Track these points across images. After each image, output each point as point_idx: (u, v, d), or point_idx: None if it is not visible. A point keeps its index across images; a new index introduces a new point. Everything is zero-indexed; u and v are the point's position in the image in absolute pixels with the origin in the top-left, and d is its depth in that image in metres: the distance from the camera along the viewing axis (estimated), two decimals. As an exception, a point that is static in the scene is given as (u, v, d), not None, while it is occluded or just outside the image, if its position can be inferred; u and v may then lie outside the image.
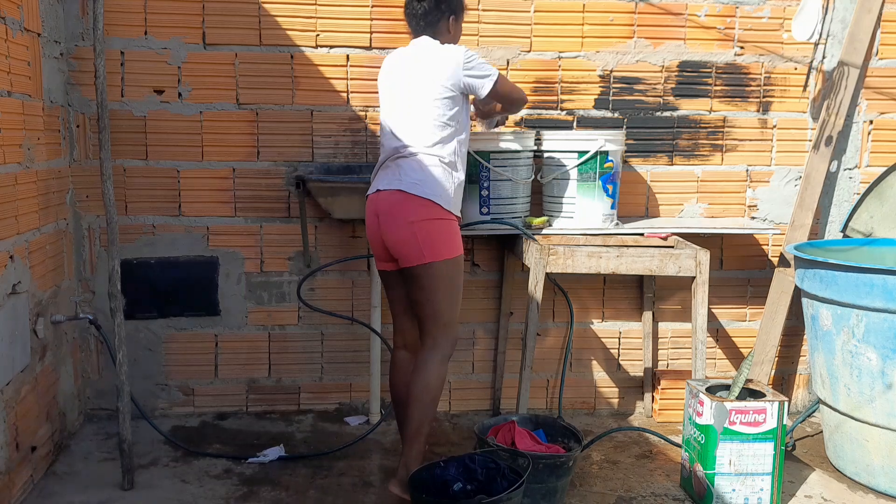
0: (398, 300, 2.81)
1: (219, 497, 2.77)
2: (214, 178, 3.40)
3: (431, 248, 2.61)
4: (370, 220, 2.73)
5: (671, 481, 2.96)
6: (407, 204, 2.62)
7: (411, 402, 2.63)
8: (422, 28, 2.82)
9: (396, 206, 2.63)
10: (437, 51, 2.75)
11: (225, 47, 3.33)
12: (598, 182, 3.22)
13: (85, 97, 3.28)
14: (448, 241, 2.65)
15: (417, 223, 2.61)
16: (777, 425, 2.71)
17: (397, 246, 2.65)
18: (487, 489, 2.43)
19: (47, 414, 2.96)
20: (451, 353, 2.71)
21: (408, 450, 2.62)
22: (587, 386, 3.69)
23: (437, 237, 2.63)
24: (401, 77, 2.78)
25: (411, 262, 2.63)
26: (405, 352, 2.82)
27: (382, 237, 2.68)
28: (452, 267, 2.66)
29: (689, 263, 3.01)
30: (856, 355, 2.86)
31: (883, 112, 3.62)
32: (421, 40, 2.81)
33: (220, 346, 3.49)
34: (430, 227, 2.62)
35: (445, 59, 2.71)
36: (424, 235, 2.61)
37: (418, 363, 2.67)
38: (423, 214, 2.62)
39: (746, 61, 3.55)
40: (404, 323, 2.82)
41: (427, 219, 2.62)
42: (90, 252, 3.37)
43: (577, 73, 3.50)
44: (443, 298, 2.65)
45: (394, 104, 2.78)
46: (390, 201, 2.65)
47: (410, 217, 2.61)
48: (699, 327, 3.04)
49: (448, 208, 2.66)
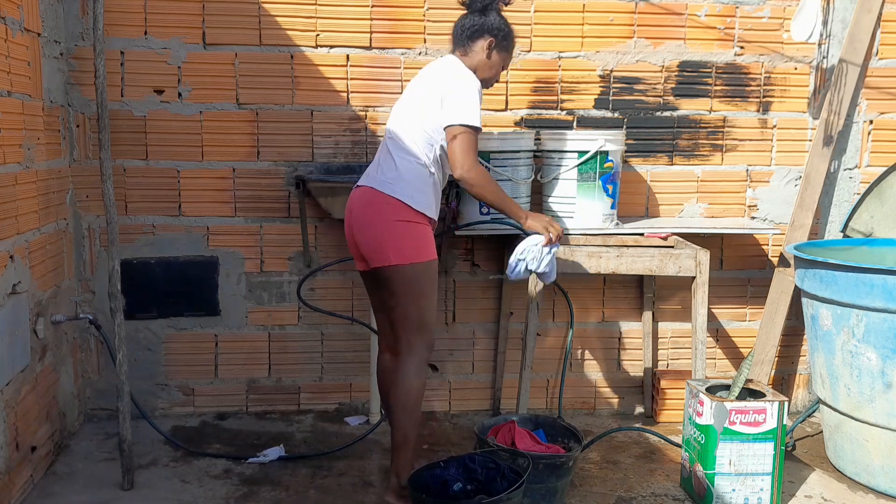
0: (375, 301, 2.78)
1: (219, 497, 2.77)
2: (214, 178, 3.40)
3: (398, 250, 2.52)
4: (346, 217, 2.67)
5: (671, 481, 2.96)
6: (377, 202, 2.55)
7: (395, 411, 2.60)
8: (458, 40, 2.73)
9: (367, 203, 2.57)
10: (453, 65, 2.67)
11: (225, 47, 3.33)
12: (598, 182, 3.22)
13: (85, 97, 3.28)
14: (417, 244, 2.55)
15: (386, 222, 2.53)
16: (777, 425, 2.71)
17: (364, 244, 2.59)
18: (487, 489, 2.43)
19: (47, 414, 2.96)
20: (428, 356, 2.65)
21: (396, 458, 2.60)
22: (587, 386, 3.69)
23: (403, 239, 2.53)
24: (414, 84, 2.74)
25: (377, 262, 2.56)
26: (388, 354, 2.78)
27: (353, 235, 2.64)
28: (422, 271, 2.55)
29: (689, 263, 3.01)
30: (856, 355, 2.86)
31: (883, 112, 3.62)
32: (449, 55, 2.74)
33: (219, 346, 3.49)
34: (399, 228, 2.53)
35: (452, 71, 2.64)
36: (391, 237, 2.52)
37: (396, 370, 2.62)
38: (392, 214, 2.53)
39: (746, 61, 3.55)
40: (384, 325, 2.78)
41: (396, 219, 2.53)
42: (90, 252, 3.37)
43: (577, 73, 3.50)
44: (411, 302, 2.55)
45: (397, 108, 2.75)
46: (363, 199, 2.59)
47: (378, 216, 2.54)
48: (699, 327, 3.04)
49: (420, 210, 2.56)
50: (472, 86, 2.60)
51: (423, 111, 2.62)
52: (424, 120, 2.61)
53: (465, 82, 2.60)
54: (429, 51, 3.41)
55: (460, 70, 2.65)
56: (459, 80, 2.61)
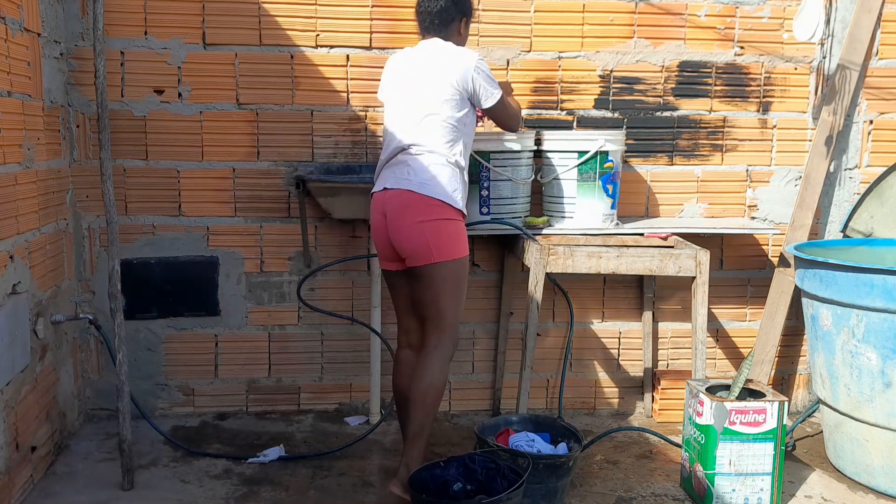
0: (403, 299, 2.82)
1: (219, 497, 2.77)
2: (214, 178, 3.40)
3: (440, 247, 2.63)
4: (376, 219, 2.72)
5: (671, 481, 2.96)
6: (417, 204, 2.63)
7: (414, 403, 2.63)
8: (434, 27, 2.80)
9: (406, 205, 2.64)
10: (451, 52, 2.74)
11: (225, 47, 3.33)
12: (598, 182, 3.22)
13: (85, 97, 3.28)
14: (456, 241, 2.67)
15: (427, 223, 2.62)
16: (777, 425, 2.71)
17: (406, 245, 2.65)
18: (487, 489, 2.43)
19: (47, 414, 2.96)
20: (453, 353, 2.72)
21: (409, 450, 2.63)
22: (587, 386, 3.69)
23: (446, 237, 2.64)
24: (411, 76, 2.77)
25: (420, 261, 2.64)
26: (409, 351, 2.83)
27: (390, 236, 2.69)
28: (460, 267, 2.68)
29: (689, 263, 3.01)
30: (856, 355, 2.86)
31: (883, 112, 3.62)
32: (433, 41, 2.79)
33: (220, 346, 3.49)
34: (440, 226, 2.63)
35: (458, 60, 2.71)
36: (434, 235, 2.62)
37: (421, 364, 2.67)
38: (433, 214, 2.62)
39: (746, 61, 3.55)
40: (409, 322, 2.82)
41: (437, 219, 2.63)
42: (90, 252, 3.37)
43: (577, 73, 3.50)
44: (448, 298, 2.66)
45: (401, 102, 2.77)
46: (399, 201, 2.65)
47: (420, 217, 2.62)
48: (699, 327, 3.04)
49: (459, 208, 2.68)
50: (480, 59, 2.75)
51: (439, 106, 2.68)
52: (444, 115, 2.68)
53: (475, 63, 2.72)
54: (429, 51, 3.41)
55: (461, 53, 2.74)
56: (468, 62, 2.71)
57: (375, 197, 2.74)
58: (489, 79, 2.75)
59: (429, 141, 2.67)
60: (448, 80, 2.68)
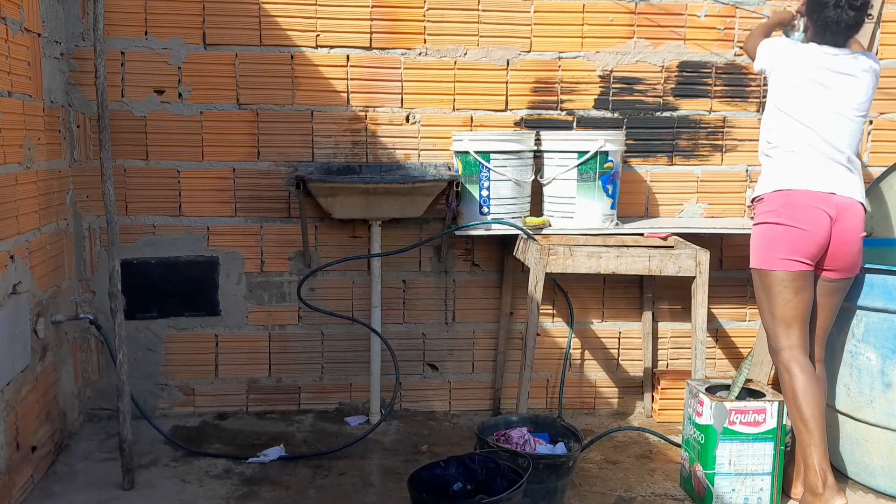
0: (806, 305, 2.71)
1: (219, 497, 2.77)
2: (214, 178, 3.40)
3: (860, 263, 2.74)
4: (818, 218, 2.64)
5: (671, 481, 2.96)
6: (862, 217, 2.69)
7: (819, 417, 2.64)
8: (846, 37, 2.75)
9: (858, 217, 2.67)
10: (870, 66, 2.74)
11: (225, 47, 3.33)
12: (598, 182, 3.22)
13: (85, 97, 3.28)
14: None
15: (861, 238, 2.70)
16: (777, 425, 2.71)
17: (846, 257, 2.68)
18: (487, 489, 2.43)
19: (48, 414, 2.96)
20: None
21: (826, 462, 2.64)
22: (587, 386, 3.69)
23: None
24: (837, 80, 2.70)
25: (847, 274, 2.71)
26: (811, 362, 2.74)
27: (832, 241, 2.66)
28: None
29: (689, 263, 3.01)
30: (856, 355, 2.86)
31: (883, 112, 3.62)
32: (848, 50, 2.75)
33: (220, 346, 3.50)
34: (862, 242, 2.71)
35: (874, 76, 2.75)
36: (861, 250, 2.70)
37: (821, 378, 2.74)
38: (863, 229, 2.70)
39: (746, 61, 3.55)
40: (805, 331, 2.73)
41: (864, 234, 2.71)
42: (90, 252, 3.37)
43: (577, 74, 3.50)
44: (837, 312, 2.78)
45: (824, 105, 2.69)
46: (853, 210, 2.67)
47: (861, 231, 2.69)
48: (699, 327, 3.04)
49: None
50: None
51: (860, 120, 2.73)
52: (861, 128, 2.75)
53: (879, 71, 2.80)
54: (429, 51, 3.41)
55: (875, 66, 2.77)
56: (878, 72, 2.78)
57: (819, 196, 2.65)
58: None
59: (855, 154, 2.73)
60: (870, 96, 2.75)
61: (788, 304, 2.67)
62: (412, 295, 3.57)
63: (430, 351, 3.61)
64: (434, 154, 3.47)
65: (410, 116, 3.45)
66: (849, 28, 2.72)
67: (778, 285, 2.68)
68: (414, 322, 3.59)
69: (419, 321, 3.59)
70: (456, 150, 3.33)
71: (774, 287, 2.69)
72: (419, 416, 3.58)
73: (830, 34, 2.72)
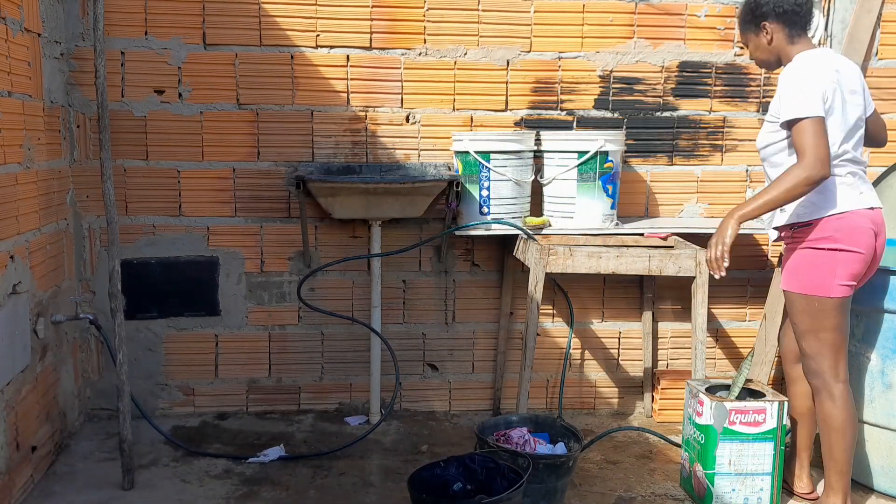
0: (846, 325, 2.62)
1: (219, 497, 2.77)
2: (214, 178, 3.40)
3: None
4: (870, 239, 2.54)
5: (671, 481, 2.96)
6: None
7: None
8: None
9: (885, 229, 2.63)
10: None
11: (225, 47, 3.33)
12: (598, 182, 3.22)
13: (85, 97, 3.28)
14: None
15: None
16: (777, 425, 2.71)
17: (874, 270, 2.63)
18: (487, 489, 2.43)
19: (47, 414, 2.96)
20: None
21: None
22: (587, 386, 3.69)
23: None
24: (858, 89, 2.62)
25: (862, 283, 2.63)
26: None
27: (875, 258, 2.60)
28: None
29: (689, 263, 3.01)
30: (856, 355, 2.86)
31: (883, 112, 3.60)
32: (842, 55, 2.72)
33: (220, 346, 3.50)
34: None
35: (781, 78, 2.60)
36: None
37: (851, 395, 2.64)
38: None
39: (746, 61, 3.55)
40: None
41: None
42: (90, 252, 3.37)
43: (577, 74, 3.50)
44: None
45: (854, 114, 2.58)
46: (883, 223, 2.62)
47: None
48: (699, 327, 3.04)
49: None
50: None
51: (773, 122, 2.62)
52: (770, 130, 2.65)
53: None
54: (429, 51, 3.41)
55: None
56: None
57: (870, 215, 2.56)
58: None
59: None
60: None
61: (841, 327, 2.58)
62: (412, 295, 3.57)
63: (430, 351, 3.61)
64: (434, 154, 3.47)
65: (410, 116, 3.45)
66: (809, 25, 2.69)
67: (835, 309, 2.55)
68: (414, 322, 3.59)
69: (419, 321, 3.59)
70: (456, 150, 3.33)
71: (833, 314, 2.55)
72: (419, 416, 3.58)
73: (798, 25, 2.64)
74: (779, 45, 2.63)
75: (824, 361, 2.58)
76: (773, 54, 2.66)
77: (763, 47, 2.66)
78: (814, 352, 2.59)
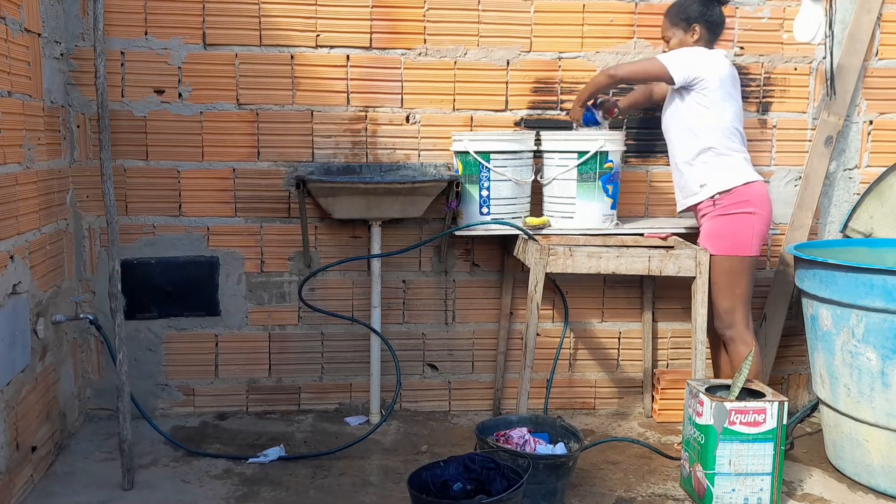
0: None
1: (219, 497, 2.77)
2: (214, 179, 3.40)
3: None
4: (771, 205, 3.09)
5: (671, 481, 2.97)
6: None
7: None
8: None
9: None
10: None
11: (225, 47, 3.33)
12: (598, 182, 3.22)
13: (85, 97, 3.28)
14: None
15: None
16: (777, 425, 2.71)
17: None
18: (487, 489, 2.43)
19: (47, 414, 2.96)
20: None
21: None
22: (587, 386, 3.69)
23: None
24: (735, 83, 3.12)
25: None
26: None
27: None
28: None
29: (689, 263, 3.01)
30: (855, 355, 2.86)
31: (883, 112, 3.62)
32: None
33: (220, 346, 3.50)
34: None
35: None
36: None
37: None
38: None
39: (746, 61, 3.55)
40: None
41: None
42: (90, 252, 3.37)
43: (577, 74, 3.50)
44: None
45: (740, 103, 3.11)
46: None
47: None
48: (699, 327, 3.04)
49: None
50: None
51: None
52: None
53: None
54: (429, 51, 3.41)
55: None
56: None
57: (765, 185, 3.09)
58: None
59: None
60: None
61: (751, 284, 3.07)
62: (412, 295, 3.57)
63: (430, 351, 3.61)
64: (434, 154, 3.47)
65: (410, 116, 3.45)
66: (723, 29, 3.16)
67: (752, 268, 3.05)
68: (414, 322, 3.59)
69: (419, 321, 3.59)
70: (456, 150, 3.33)
71: (750, 270, 3.03)
72: (419, 416, 3.58)
73: (717, 36, 3.14)
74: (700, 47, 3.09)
75: (737, 314, 3.02)
76: None
77: (688, 44, 3.10)
78: (729, 306, 3.02)
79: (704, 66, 3.00)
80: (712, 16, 3.08)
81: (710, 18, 3.08)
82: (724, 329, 3.07)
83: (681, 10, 3.11)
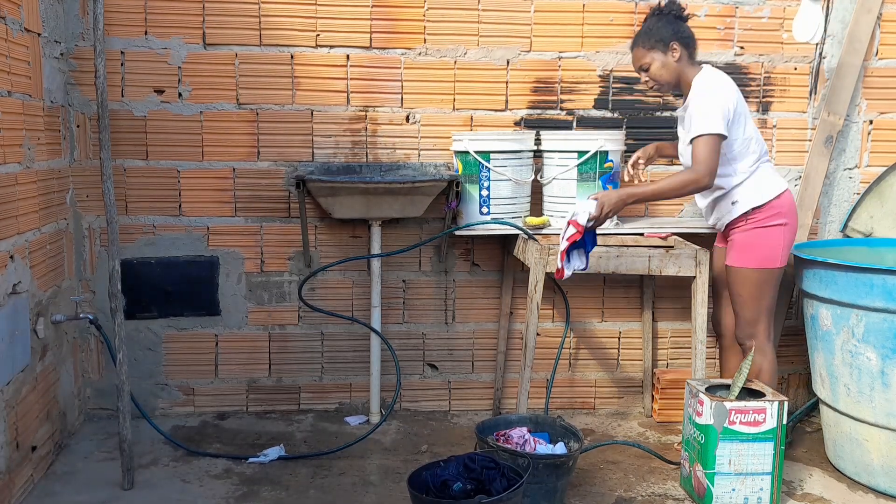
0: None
1: (219, 497, 2.77)
2: (214, 178, 3.40)
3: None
4: (797, 213, 3.04)
5: (671, 481, 2.97)
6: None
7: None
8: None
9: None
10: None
11: (225, 47, 3.33)
12: (598, 182, 3.22)
13: (85, 97, 3.28)
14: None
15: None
16: (777, 425, 2.71)
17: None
18: (487, 489, 2.43)
19: (47, 414, 2.96)
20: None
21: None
22: (587, 386, 3.69)
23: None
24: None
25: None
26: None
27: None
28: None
29: (689, 263, 3.01)
30: (855, 355, 2.86)
31: (883, 112, 3.62)
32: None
33: (220, 346, 3.50)
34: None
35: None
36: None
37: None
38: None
39: (746, 61, 3.55)
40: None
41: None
42: (90, 252, 3.37)
43: (577, 73, 3.50)
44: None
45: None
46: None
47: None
48: (699, 327, 3.04)
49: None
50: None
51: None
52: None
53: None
54: (429, 51, 3.41)
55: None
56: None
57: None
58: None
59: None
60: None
61: (775, 295, 3.01)
62: (412, 295, 3.57)
63: (430, 351, 3.61)
64: (434, 154, 3.47)
65: (410, 116, 3.45)
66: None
67: (778, 279, 2.98)
68: (414, 322, 3.59)
69: (419, 321, 3.59)
70: (456, 150, 3.33)
71: (777, 281, 2.97)
72: (419, 416, 3.58)
73: (694, 48, 2.99)
74: (683, 65, 2.93)
75: (760, 325, 2.95)
76: (676, 74, 2.93)
77: (670, 65, 2.92)
78: (753, 317, 2.95)
79: (728, 99, 2.83)
80: (684, 31, 2.94)
81: (684, 34, 2.93)
82: (745, 339, 2.99)
83: (650, 35, 2.92)
